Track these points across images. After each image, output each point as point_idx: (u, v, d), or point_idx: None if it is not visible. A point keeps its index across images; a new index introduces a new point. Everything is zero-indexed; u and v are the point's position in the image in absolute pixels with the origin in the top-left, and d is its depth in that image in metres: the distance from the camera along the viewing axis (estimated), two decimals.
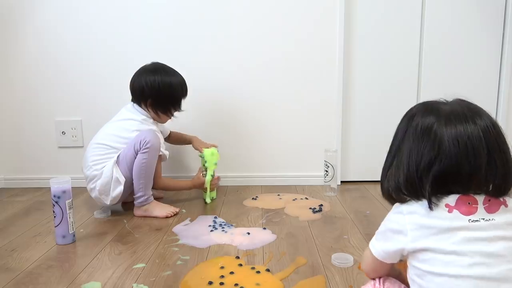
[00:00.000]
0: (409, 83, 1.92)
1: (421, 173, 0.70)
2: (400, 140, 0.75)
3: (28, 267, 1.16)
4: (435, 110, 0.72)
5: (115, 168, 1.53)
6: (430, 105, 0.75)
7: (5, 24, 1.90)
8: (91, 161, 1.55)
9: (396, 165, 0.75)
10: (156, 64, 1.65)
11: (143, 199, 1.55)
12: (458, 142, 0.68)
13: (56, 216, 1.29)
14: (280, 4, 1.86)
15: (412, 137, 0.73)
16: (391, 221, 0.74)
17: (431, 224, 0.69)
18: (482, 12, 1.88)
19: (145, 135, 1.52)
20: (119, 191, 1.53)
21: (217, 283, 1.04)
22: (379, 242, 0.77)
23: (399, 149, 0.75)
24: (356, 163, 1.99)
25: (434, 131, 0.70)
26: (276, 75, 1.91)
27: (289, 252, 1.24)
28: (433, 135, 0.70)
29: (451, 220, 0.68)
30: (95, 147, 1.58)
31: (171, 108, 1.65)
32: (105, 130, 1.62)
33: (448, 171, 0.68)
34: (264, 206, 1.67)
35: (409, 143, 0.73)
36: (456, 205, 0.69)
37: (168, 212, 1.56)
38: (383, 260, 0.77)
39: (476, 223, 0.68)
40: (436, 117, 0.71)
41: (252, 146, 1.98)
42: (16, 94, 1.95)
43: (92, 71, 1.92)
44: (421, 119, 0.73)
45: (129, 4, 1.87)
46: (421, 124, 0.72)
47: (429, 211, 0.69)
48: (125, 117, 1.62)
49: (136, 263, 1.18)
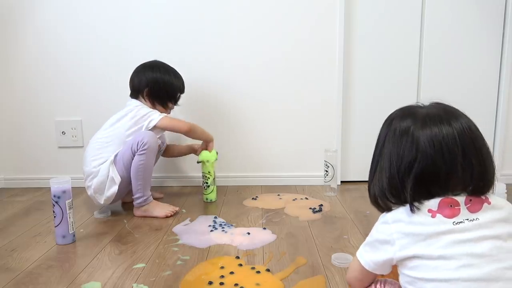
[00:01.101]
0: (409, 83, 1.92)
1: (403, 175, 0.72)
2: (381, 146, 0.78)
3: (28, 267, 1.16)
4: (412, 114, 0.75)
5: (112, 167, 1.53)
6: (407, 110, 0.78)
7: (5, 24, 1.90)
8: (91, 157, 1.56)
9: (379, 170, 0.77)
10: (156, 62, 1.68)
11: (142, 200, 1.55)
12: (433, 142, 0.70)
13: (56, 216, 1.29)
14: (280, 4, 1.86)
15: (391, 140, 0.75)
16: (378, 231, 0.76)
17: (416, 231, 0.69)
18: (482, 12, 1.88)
19: (142, 136, 1.51)
20: (113, 191, 1.53)
21: (217, 283, 1.04)
22: (368, 254, 0.78)
23: (381, 154, 0.77)
24: (356, 163, 1.99)
25: (411, 133, 0.72)
26: (276, 75, 1.91)
27: (289, 252, 1.24)
28: (410, 137, 0.72)
29: (436, 225, 0.69)
30: (93, 143, 1.59)
31: (167, 100, 1.67)
32: (103, 126, 1.62)
33: (426, 171, 0.70)
34: (264, 206, 1.67)
35: (389, 147, 0.75)
36: (438, 209, 0.70)
37: (168, 212, 1.56)
38: (372, 271, 0.77)
39: (461, 224, 0.68)
40: (412, 120, 0.74)
41: (252, 146, 1.98)
42: (16, 94, 1.95)
43: (92, 71, 1.92)
44: (399, 123, 0.75)
45: (129, 4, 1.87)
46: (399, 128, 0.75)
47: (413, 217, 0.70)
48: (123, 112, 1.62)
49: (136, 263, 1.18)
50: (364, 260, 0.78)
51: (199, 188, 1.80)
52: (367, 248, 0.78)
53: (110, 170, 1.52)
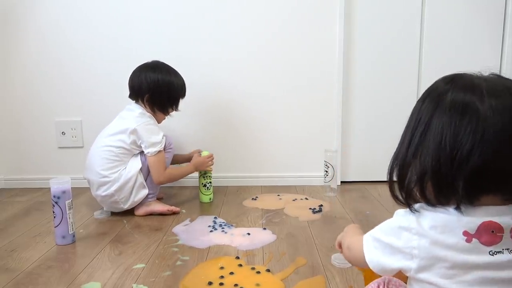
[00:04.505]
0: (409, 83, 1.91)
1: (457, 166, 0.54)
2: (426, 124, 0.59)
3: (28, 268, 1.16)
4: (474, 87, 0.57)
5: (139, 174, 1.55)
6: (465, 79, 0.61)
7: (6, 24, 1.90)
8: (99, 166, 1.52)
9: (420, 154, 0.58)
10: (157, 62, 1.64)
11: (150, 197, 1.59)
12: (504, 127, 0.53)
13: (56, 217, 1.29)
14: (280, 5, 1.86)
15: (443, 118, 0.57)
16: (395, 235, 0.60)
17: (444, 257, 0.56)
18: (482, 12, 1.87)
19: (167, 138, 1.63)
20: (143, 194, 1.56)
21: (216, 284, 1.04)
22: (377, 253, 0.62)
23: (425, 134, 0.58)
24: (356, 163, 1.99)
25: (476, 112, 0.54)
26: (276, 75, 1.91)
27: (289, 252, 1.23)
28: (474, 117, 0.54)
29: (469, 253, 0.55)
30: (99, 151, 1.54)
31: (168, 107, 1.63)
32: (107, 131, 1.59)
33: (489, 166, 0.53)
34: (264, 206, 1.67)
35: (440, 126, 0.56)
36: (476, 233, 0.54)
37: (169, 209, 1.58)
38: (377, 272, 0.63)
39: (497, 256, 0.54)
40: (477, 95, 0.56)
41: (252, 146, 1.98)
42: (16, 94, 1.95)
43: (93, 71, 1.92)
44: (456, 95, 0.57)
45: (129, 3, 1.87)
46: (458, 102, 0.56)
47: (444, 234, 0.55)
48: (124, 116, 1.61)
49: (136, 263, 1.18)
50: (371, 258, 0.63)
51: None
52: (377, 245, 0.62)
53: (138, 176, 1.54)
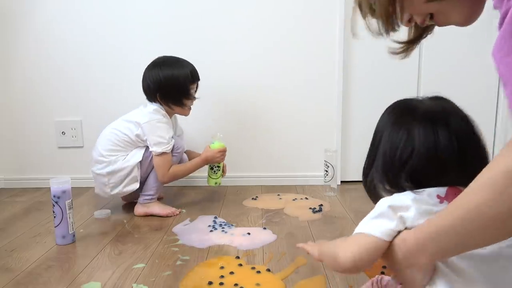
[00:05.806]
0: (409, 83, 1.91)
1: (397, 169, 0.73)
2: (379, 136, 0.80)
3: (28, 267, 1.16)
4: (411, 109, 0.77)
5: (136, 167, 1.54)
6: (406, 103, 0.81)
7: (5, 24, 1.90)
8: (101, 145, 1.56)
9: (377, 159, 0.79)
10: (160, 58, 1.60)
11: (150, 198, 1.58)
12: (429, 140, 0.71)
13: (56, 216, 1.29)
14: (280, 5, 1.86)
15: (389, 132, 0.78)
16: (394, 199, 0.71)
17: (428, 209, 0.67)
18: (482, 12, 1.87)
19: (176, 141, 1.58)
20: (132, 188, 1.55)
21: (217, 283, 1.04)
22: (376, 221, 0.72)
23: (379, 144, 0.80)
24: (356, 163, 1.98)
25: (408, 128, 0.74)
26: (275, 75, 1.91)
27: (289, 252, 1.23)
28: (406, 133, 0.74)
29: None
30: (108, 131, 1.57)
31: (182, 98, 1.59)
32: (125, 116, 1.60)
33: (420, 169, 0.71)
34: (264, 206, 1.67)
35: (386, 138, 0.77)
36: (446, 196, 0.68)
37: (169, 211, 1.57)
38: (381, 236, 0.70)
39: None
40: (411, 115, 0.75)
41: (252, 146, 1.97)
42: (16, 94, 1.95)
43: (92, 71, 1.92)
44: (398, 116, 0.79)
45: (129, 4, 1.87)
46: (398, 121, 0.77)
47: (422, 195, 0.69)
48: (142, 108, 1.60)
49: (136, 263, 1.18)
50: (371, 228, 0.72)
51: (199, 188, 1.80)
52: (371, 219, 0.74)
53: (135, 170, 1.54)
